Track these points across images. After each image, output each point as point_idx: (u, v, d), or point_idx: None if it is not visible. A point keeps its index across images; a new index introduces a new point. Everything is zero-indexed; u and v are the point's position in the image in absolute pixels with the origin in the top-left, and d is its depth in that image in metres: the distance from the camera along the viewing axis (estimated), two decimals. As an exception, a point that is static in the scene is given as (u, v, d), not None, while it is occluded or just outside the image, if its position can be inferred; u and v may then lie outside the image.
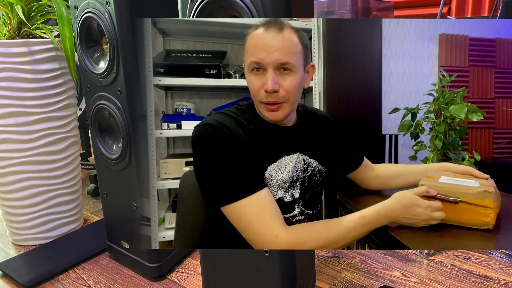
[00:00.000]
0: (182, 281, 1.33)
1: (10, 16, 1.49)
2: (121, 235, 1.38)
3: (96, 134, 1.33)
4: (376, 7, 2.06)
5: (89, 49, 1.27)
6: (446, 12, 2.73)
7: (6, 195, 1.55)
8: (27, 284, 1.32)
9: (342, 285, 1.28)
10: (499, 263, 1.36)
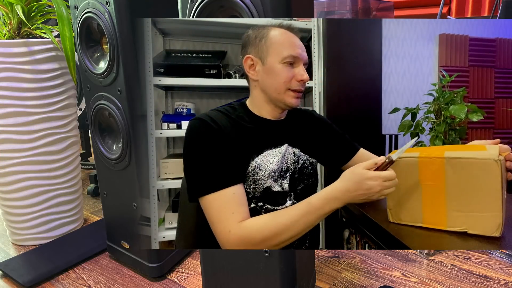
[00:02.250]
0: (182, 281, 1.33)
1: (10, 16, 1.49)
2: (121, 235, 1.38)
3: (96, 134, 1.33)
4: (376, 7, 2.06)
5: (89, 49, 1.27)
6: (446, 12, 2.73)
7: (6, 195, 1.55)
8: (27, 284, 1.32)
9: (342, 285, 1.28)
10: (499, 263, 1.36)
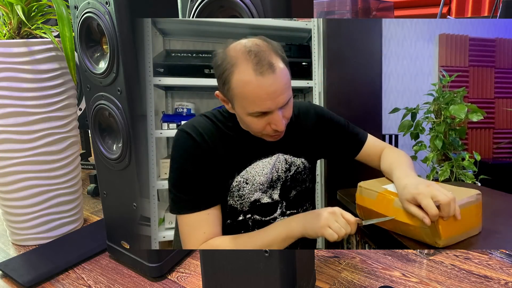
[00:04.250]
0: (182, 281, 1.33)
1: (10, 16, 1.49)
2: (121, 235, 1.38)
3: (96, 134, 1.33)
4: (376, 7, 2.06)
5: (89, 49, 1.27)
6: (446, 12, 2.73)
7: (6, 195, 1.55)
8: (27, 284, 1.32)
9: (342, 285, 1.28)
10: (499, 263, 1.36)
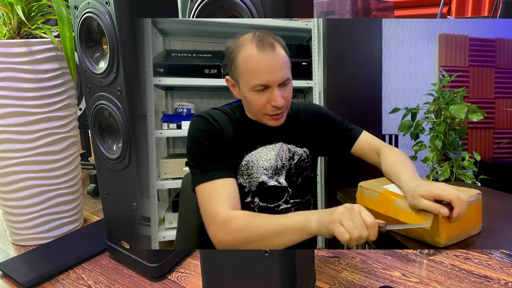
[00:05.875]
0: (182, 281, 1.33)
1: (10, 16, 1.49)
2: (121, 235, 1.38)
3: (96, 134, 1.33)
4: (376, 7, 2.06)
5: (89, 49, 1.27)
6: (446, 12, 2.73)
7: (6, 195, 1.55)
8: (27, 284, 1.32)
9: (342, 285, 1.28)
10: (499, 263, 1.36)
